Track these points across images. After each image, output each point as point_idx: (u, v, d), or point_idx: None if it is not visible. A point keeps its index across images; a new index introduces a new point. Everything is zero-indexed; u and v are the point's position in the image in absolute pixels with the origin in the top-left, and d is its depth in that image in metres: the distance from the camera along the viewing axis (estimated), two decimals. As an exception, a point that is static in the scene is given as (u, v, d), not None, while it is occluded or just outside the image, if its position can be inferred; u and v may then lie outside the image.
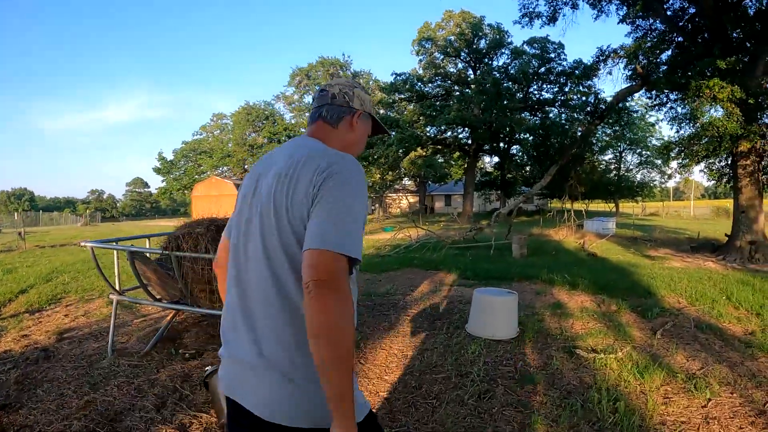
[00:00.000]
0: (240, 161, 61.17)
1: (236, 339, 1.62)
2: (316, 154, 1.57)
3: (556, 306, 8.20)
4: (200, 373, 4.73)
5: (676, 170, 16.56)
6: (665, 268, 12.22)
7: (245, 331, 1.58)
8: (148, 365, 5.24)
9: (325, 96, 1.85)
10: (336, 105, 1.82)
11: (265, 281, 1.54)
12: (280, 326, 1.51)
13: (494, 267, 12.02)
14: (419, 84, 37.07)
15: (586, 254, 14.83)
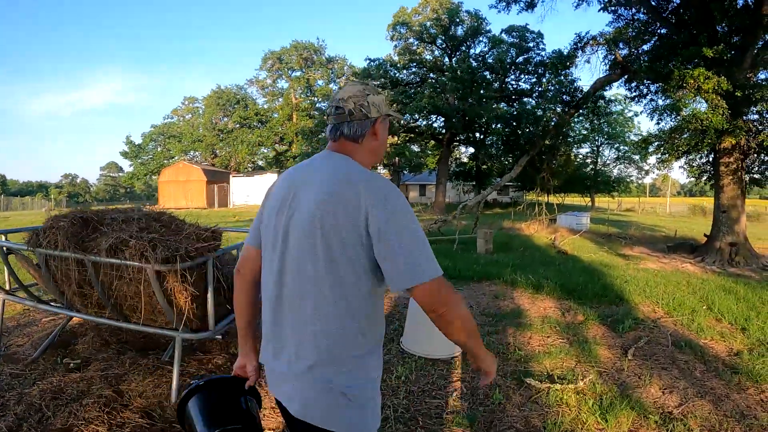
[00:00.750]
0: (209, 146, 59.53)
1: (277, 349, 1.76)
2: (360, 178, 1.67)
3: (514, 314, 7.14)
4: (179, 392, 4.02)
5: (654, 166, 15.57)
6: (640, 270, 11.25)
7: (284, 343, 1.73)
8: (29, 375, 4.49)
9: (342, 114, 1.81)
10: (356, 121, 1.80)
11: (307, 292, 1.66)
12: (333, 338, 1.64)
13: (454, 264, 10.92)
14: (393, 70, 35.86)
15: (555, 251, 13.82)
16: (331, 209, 1.60)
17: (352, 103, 1.79)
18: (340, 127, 1.81)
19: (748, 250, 13.90)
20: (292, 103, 56.01)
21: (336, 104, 1.83)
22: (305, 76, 56.66)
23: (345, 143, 1.82)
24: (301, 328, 1.67)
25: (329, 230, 1.60)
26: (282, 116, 56.87)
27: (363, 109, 1.79)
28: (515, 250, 14.06)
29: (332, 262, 1.61)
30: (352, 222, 1.58)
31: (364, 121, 1.80)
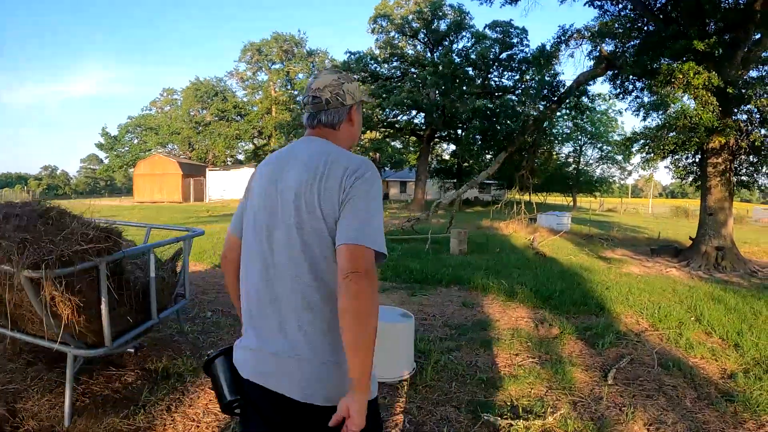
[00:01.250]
0: (186, 139, 58.24)
1: (266, 329, 1.72)
2: (340, 156, 1.73)
3: (481, 325, 6.37)
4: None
5: (638, 165, 14.82)
6: (622, 275, 10.54)
7: (276, 322, 1.69)
8: None
9: (319, 103, 1.86)
10: (332, 109, 1.86)
11: (300, 277, 1.66)
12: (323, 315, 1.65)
13: (423, 266, 10.14)
14: (374, 64, 34.95)
15: (533, 253, 13.09)
16: (314, 186, 1.65)
17: (328, 92, 1.85)
18: (317, 115, 1.87)
19: (735, 254, 13.28)
20: (272, 97, 54.83)
21: (313, 94, 1.87)
22: (285, 69, 55.53)
23: (323, 129, 1.88)
24: (295, 308, 1.68)
25: (311, 204, 1.65)
26: (261, 110, 55.67)
27: (339, 97, 1.86)
28: (491, 251, 13.30)
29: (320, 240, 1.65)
30: (332, 194, 1.64)
31: (340, 108, 1.87)
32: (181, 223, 21.02)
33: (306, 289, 1.65)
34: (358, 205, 1.62)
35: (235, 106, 57.05)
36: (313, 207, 1.64)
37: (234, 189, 44.73)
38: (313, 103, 1.86)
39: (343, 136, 1.91)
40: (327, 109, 1.85)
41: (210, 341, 5.45)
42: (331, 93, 1.85)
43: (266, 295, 1.72)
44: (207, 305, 6.98)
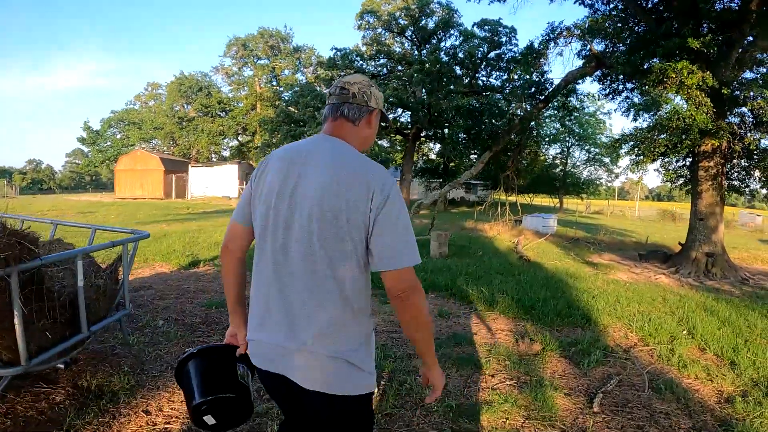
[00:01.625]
0: (169, 134, 57.28)
1: (275, 324, 1.84)
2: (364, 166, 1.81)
3: (456, 339, 5.85)
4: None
5: (627, 168, 14.33)
6: (610, 282, 10.08)
7: (286, 318, 1.81)
8: None
9: (345, 94, 1.94)
10: (356, 104, 1.94)
11: (320, 279, 1.76)
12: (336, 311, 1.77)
13: (401, 270, 9.61)
14: (359, 60, 34.32)
15: (517, 257, 12.59)
16: (337, 189, 1.74)
17: (356, 87, 1.95)
18: (341, 106, 1.94)
19: (726, 261, 12.88)
20: (257, 93, 54.02)
21: (342, 85, 1.96)
22: (271, 64, 54.74)
23: (344, 123, 1.95)
24: (303, 302, 1.78)
25: (333, 207, 1.73)
26: (246, 106, 54.82)
27: (365, 95, 1.96)
28: (473, 254, 12.79)
29: (338, 241, 1.74)
30: (356, 201, 1.72)
31: (363, 106, 1.96)
32: (158, 220, 20.49)
33: (320, 288, 1.77)
34: (394, 227, 1.74)
35: (220, 101, 56.08)
36: (336, 213, 1.72)
37: (216, 186, 43.98)
38: (341, 93, 1.94)
39: (360, 135, 1.97)
40: (351, 102, 1.93)
41: (156, 354, 4.90)
42: (359, 89, 1.95)
43: (276, 289, 1.83)
44: (161, 312, 6.41)
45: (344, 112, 1.94)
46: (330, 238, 1.73)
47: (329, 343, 1.76)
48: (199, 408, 1.85)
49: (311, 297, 1.76)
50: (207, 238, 13.77)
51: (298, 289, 1.78)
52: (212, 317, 6.31)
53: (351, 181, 1.74)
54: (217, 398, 1.88)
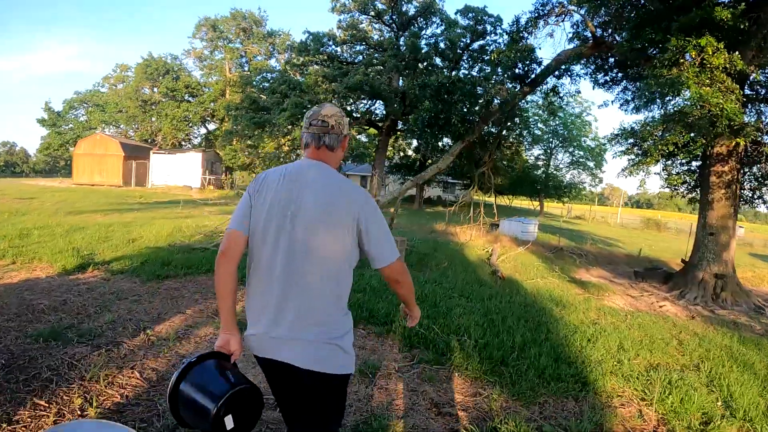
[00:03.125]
0: (131, 118, 54.13)
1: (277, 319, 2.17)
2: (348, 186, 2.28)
3: (370, 429, 3.55)
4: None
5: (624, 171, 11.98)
6: (605, 312, 7.90)
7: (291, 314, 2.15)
8: None
9: (326, 126, 2.33)
10: (334, 134, 2.35)
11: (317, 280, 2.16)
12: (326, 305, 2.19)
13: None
14: (331, 44, 31.90)
15: (490, 272, 10.33)
16: (331, 207, 2.19)
17: (334, 120, 2.35)
18: (323, 137, 2.33)
19: (737, 284, 10.79)
20: (227, 78, 50.96)
21: (323, 119, 2.33)
22: (244, 48, 51.76)
23: (325, 151, 2.35)
24: (303, 298, 2.16)
25: (329, 224, 2.18)
26: (215, 91, 51.79)
27: (340, 126, 2.38)
28: (436, 266, 10.48)
29: (329, 247, 2.18)
30: (346, 217, 2.18)
31: (339, 135, 2.38)
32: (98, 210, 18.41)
33: (313, 284, 2.16)
34: (378, 231, 2.24)
35: (187, 85, 52.95)
36: (329, 225, 2.18)
37: (179, 174, 41.18)
38: (322, 125, 2.33)
39: (337, 158, 2.42)
40: (330, 133, 2.34)
41: None
42: (336, 121, 2.36)
43: (276, 289, 2.17)
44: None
45: (326, 141, 2.34)
46: (324, 245, 2.17)
47: (325, 331, 2.17)
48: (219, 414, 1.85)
49: (310, 295, 2.16)
50: (126, 234, 11.72)
51: (298, 289, 2.15)
52: (28, 354, 4.15)
53: (339, 201, 2.20)
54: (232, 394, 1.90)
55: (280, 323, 2.14)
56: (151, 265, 8.31)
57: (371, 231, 2.20)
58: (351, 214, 2.16)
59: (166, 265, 8.42)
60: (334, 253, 2.16)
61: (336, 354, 2.17)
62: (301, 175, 2.25)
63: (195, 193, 34.51)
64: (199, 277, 8.00)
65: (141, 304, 6.29)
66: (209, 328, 5.63)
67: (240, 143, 39.80)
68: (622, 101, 13.72)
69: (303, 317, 2.12)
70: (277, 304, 2.15)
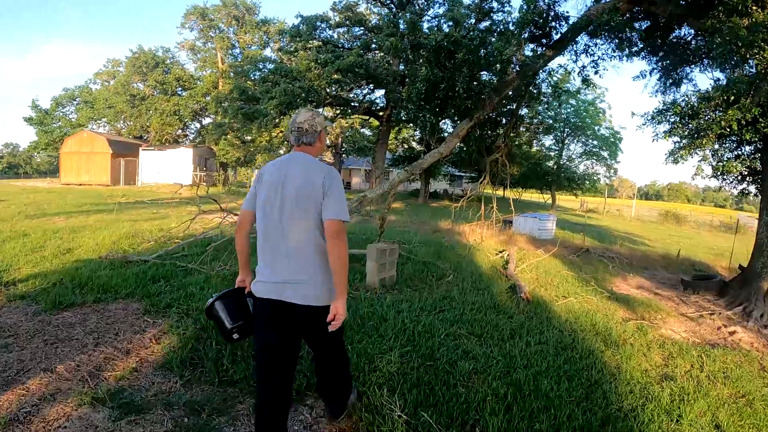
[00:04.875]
0: (119, 113, 51.76)
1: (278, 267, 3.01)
2: (318, 165, 3.10)
3: None
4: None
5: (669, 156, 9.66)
6: (670, 351, 5.68)
7: (286, 263, 3.00)
8: None
9: (301, 131, 3.21)
10: (309, 134, 3.23)
11: (300, 235, 2.98)
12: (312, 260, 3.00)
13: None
14: (325, 28, 29.57)
15: (507, 288, 8.05)
16: (306, 182, 2.99)
17: (307, 124, 3.22)
18: (301, 138, 3.23)
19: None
20: (219, 69, 48.47)
21: (298, 126, 3.23)
22: (237, 37, 49.22)
23: (304, 146, 3.24)
24: (296, 251, 2.99)
25: (305, 193, 2.97)
26: (207, 83, 49.33)
27: (312, 126, 3.24)
28: (438, 280, 8.20)
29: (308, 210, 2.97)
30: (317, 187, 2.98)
31: (314, 133, 3.25)
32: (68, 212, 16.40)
33: (302, 243, 2.99)
34: (333, 195, 2.99)
35: (179, 79, 50.49)
36: (306, 192, 2.97)
37: (170, 172, 38.82)
38: (298, 131, 3.22)
39: (316, 149, 3.28)
40: (306, 135, 3.22)
41: None
42: (309, 125, 3.22)
43: (277, 247, 3.02)
44: None
45: (303, 140, 3.22)
46: (306, 211, 2.97)
47: (315, 275, 2.99)
48: (232, 330, 3.26)
49: (300, 249, 2.99)
50: (68, 241, 9.82)
51: (292, 246, 2.98)
52: None
53: (313, 175, 3.01)
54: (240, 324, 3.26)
55: (279, 272, 2.99)
56: (62, 287, 6.34)
57: (329, 194, 2.97)
58: (320, 185, 2.97)
59: (80, 287, 6.39)
60: (313, 217, 2.97)
61: (327, 291, 3.00)
62: (287, 163, 3.14)
63: (185, 191, 32.42)
64: (111, 305, 5.92)
65: (9, 350, 4.52)
66: (67, 406, 3.68)
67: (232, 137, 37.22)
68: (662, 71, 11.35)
69: (295, 266, 2.97)
70: (275, 259, 3.02)
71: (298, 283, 2.95)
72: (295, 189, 2.97)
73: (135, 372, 4.22)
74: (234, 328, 3.22)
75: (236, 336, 3.27)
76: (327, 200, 2.95)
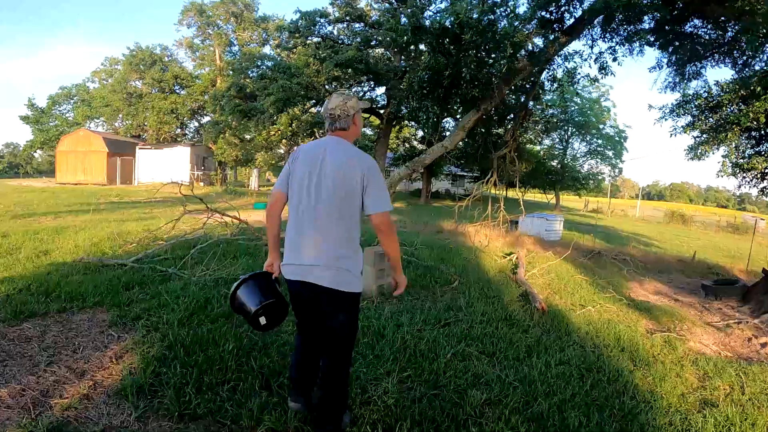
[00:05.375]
0: (115, 111, 50.96)
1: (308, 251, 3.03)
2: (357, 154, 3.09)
3: None
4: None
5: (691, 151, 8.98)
6: (704, 370, 5.03)
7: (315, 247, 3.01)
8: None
9: (334, 116, 3.17)
10: (342, 119, 3.18)
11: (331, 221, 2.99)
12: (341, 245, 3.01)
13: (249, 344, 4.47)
14: (325, 24, 28.75)
15: (518, 297, 7.36)
16: (344, 170, 2.99)
17: (339, 110, 3.17)
18: (334, 123, 3.19)
19: None
20: (218, 66, 47.64)
21: (330, 113, 3.19)
22: (236, 34, 48.28)
23: (339, 132, 3.20)
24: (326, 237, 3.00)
25: (342, 181, 2.98)
26: (205, 81, 48.23)
27: (344, 111, 3.17)
28: (440, 286, 7.50)
29: (343, 198, 2.99)
30: (355, 177, 2.98)
31: (347, 117, 3.19)
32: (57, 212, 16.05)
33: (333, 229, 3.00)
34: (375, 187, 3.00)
35: (177, 76, 49.67)
36: (343, 180, 2.98)
37: (167, 170, 37.95)
38: (331, 117, 3.19)
39: (352, 133, 3.25)
40: (339, 120, 3.17)
41: None
42: (341, 110, 3.17)
43: (306, 231, 3.04)
44: None
45: (337, 126, 3.19)
46: (340, 198, 2.98)
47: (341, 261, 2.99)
48: (256, 314, 3.13)
49: (329, 234, 3.00)
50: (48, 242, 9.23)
51: (322, 230, 2.99)
52: None
53: (351, 164, 2.99)
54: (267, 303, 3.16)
55: (308, 255, 3.01)
56: (28, 294, 5.69)
57: (368, 187, 2.98)
58: (359, 174, 2.97)
59: (46, 294, 5.70)
60: (346, 203, 2.99)
61: (347, 276, 3.01)
62: (322, 147, 3.11)
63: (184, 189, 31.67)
64: (77, 316, 5.24)
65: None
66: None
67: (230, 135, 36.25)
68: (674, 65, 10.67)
69: (323, 251, 2.98)
70: (305, 242, 3.04)
71: (326, 268, 2.99)
72: (332, 175, 3.00)
73: (85, 400, 3.54)
74: (259, 312, 3.13)
75: (263, 322, 3.19)
76: (369, 192, 2.99)
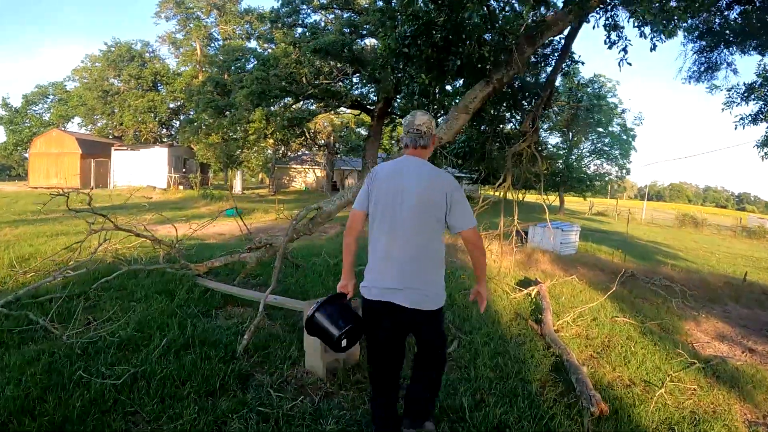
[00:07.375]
0: (90, 110, 48.38)
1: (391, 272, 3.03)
2: (439, 175, 3.12)
3: None
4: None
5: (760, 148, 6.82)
6: None
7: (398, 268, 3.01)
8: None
9: (419, 133, 3.18)
10: (426, 137, 3.20)
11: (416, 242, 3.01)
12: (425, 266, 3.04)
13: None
14: (308, 11, 26.38)
15: (550, 366, 4.96)
16: (429, 191, 3.02)
17: (425, 127, 3.20)
18: (419, 140, 3.20)
19: None
20: (199, 61, 44.83)
21: (418, 128, 3.19)
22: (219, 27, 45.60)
23: (421, 150, 3.22)
24: (413, 257, 3.01)
25: (427, 202, 3.01)
26: (185, 78, 45.29)
27: (430, 129, 3.22)
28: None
29: (429, 218, 3.01)
30: (440, 198, 3.01)
31: (430, 136, 3.23)
32: None
33: (417, 250, 3.01)
34: (460, 207, 3.03)
35: (156, 73, 46.92)
36: (429, 201, 3.00)
37: (143, 173, 35.34)
38: (417, 132, 3.19)
39: (428, 152, 3.27)
40: (423, 137, 3.19)
41: None
42: (426, 128, 3.20)
43: (390, 253, 3.03)
44: None
45: (421, 143, 3.20)
46: (426, 219, 3.01)
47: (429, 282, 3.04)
48: (340, 338, 3.06)
49: (414, 256, 3.00)
50: None
51: (406, 252, 3.00)
52: None
53: (435, 185, 3.03)
54: (350, 328, 3.10)
55: (391, 277, 3.01)
56: None
57: (454, 207, 3.01)
58: (443, 196, 3.00)
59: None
60: (429, 224, 3.02)
61: (433, 297, 3.05)
62: (404, 168, 3.12)
63: (158, 195, 29.25)
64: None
65: None
66: None
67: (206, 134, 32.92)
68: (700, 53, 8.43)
69: (408, 273, 2.99)
70: (390, 264, 3.02)
71: (410, 289, 2.98)
72: (416, 196, 3.01)
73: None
74: (342, 336, 3.06)
75: (344, 344, 3.11)
76: (454, 210, 3.02)
